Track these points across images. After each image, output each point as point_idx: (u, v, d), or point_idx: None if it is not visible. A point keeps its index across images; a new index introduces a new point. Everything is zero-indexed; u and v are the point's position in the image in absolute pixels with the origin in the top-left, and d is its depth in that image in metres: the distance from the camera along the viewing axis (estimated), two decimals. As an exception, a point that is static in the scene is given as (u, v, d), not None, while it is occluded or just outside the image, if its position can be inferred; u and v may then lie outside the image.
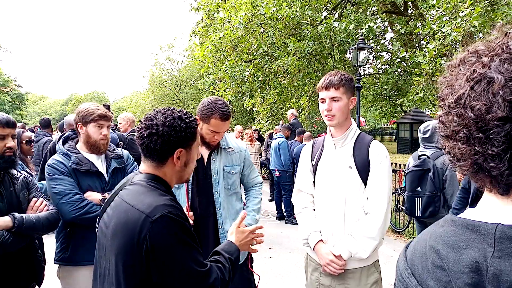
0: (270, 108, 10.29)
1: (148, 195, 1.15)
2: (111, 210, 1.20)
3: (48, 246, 2.34)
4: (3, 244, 1.61)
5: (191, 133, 1.25)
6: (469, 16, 5.25)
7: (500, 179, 0.56)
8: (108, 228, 1.16)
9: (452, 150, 0.61)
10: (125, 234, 1.09)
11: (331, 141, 1.92)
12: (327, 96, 1.82)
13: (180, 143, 1.22)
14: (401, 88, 12.08)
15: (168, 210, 1.09)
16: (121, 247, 1.09)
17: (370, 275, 1.83)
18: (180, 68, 27.39)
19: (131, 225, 1.08)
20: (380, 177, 1.79)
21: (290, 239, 5.46)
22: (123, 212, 1.13)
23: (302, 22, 8.61)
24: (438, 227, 0.62)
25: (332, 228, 1.85)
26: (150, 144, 1.19)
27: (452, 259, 0.56)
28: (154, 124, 1.19)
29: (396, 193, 6.04)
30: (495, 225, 0.54)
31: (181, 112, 1.26)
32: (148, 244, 1.05)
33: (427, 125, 3.36)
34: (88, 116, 2.10)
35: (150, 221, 1.06)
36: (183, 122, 1.22)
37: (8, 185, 1.80)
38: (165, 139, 1.18)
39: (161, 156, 1.22)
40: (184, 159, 1.26)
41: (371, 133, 36.26)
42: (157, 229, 1.06)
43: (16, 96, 36.04)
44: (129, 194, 1.18)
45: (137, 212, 1.09)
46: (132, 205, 1.12)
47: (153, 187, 1.19)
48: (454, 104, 0.59)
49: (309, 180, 2.00)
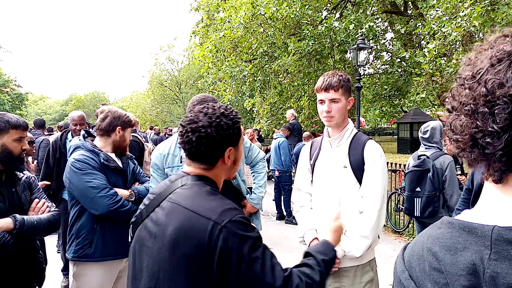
0: (270, 108, 10.28)
1: (209, 199, 1.08)
2: (164, 217, 1.08)
3: (48, 247, 2.34)
4: (3, 246, 1.61)
5: (238, 128, 1.19)
6: (469, 16, 5.25)
7: (493, 159, 0.56)
8: (163, 237, 1.05)
9: (453, 121, 0.61)
10: (191, 242, 1.00)
11: (328, 141, 1.96)
12: (326, 98, 1.84)
13: (229, 142, 1.16)
14: (401, 88, 12.08)
15: (236, 213, 1.03)
16: (186, 257, 1.00)
17: (364, 273, 1.85)
18: (180, 68, 27.42)
19: (197, 233, 0.99)
20: (375, 176, 1.81)
21: (290, 239, 5.46)
22: (184, 219, 1.03)
23: (302, 22, 8.61)
24: (436, 229, 0.62)
25: (327, 226, 1.87)
26: (200, 147, 1.12)
27: (449, 262, 0.56)
28: (200, 127, 1.11)
29: (396, 193, 6.04)
30: (492, 227, 0.54)
31: (222, 108, 1.18)
32: (220, 251, 0.97)
33: (427, 125, 3.37)
34: (128, 122, 2.33)
35: (219, 227, 0.99)
36: (228, 119, 1.15)
37: (10, 186, 1.81)
38: (215, 140, 1.12)
39: (212, 159, 1.16)
40: (233, 157, 1.21)
41: (371, 133, 36.24)
42: (229, 235, 0.98)
43: (16, 96, 36.04)
44: (187, 199, 1.09)
45: (203, 219, 1.01)
46: (195, 211, 1.03)
47: (209, 190, 1.12)
48: (470, 77, 0.59)
49: (307, 179, 2.04)
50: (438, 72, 6.32)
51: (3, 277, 1.73)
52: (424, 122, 3.54)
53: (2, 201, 1.73)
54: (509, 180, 0.58)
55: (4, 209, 1.72)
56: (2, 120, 1.73)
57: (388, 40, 12.34)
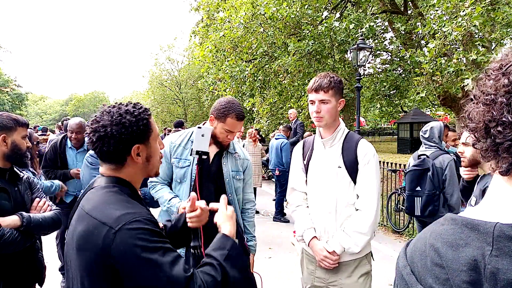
0: (270, 108, 10.30)
1: (111, 203, 1.04)
2: (74, 221, 1.08)
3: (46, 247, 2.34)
4: (12, 243, 1.66)
5: (144, 125, 1.14)
6: (470, 15, 5.25)
7: (502, 149, 0.56)
8: (72, 241, 1.05)
9: (472, 110, 0.62)
10: (88, 248, 0.99)
11: (321, 142, 1.99)
12: (316, 99, 1.88)
13: (135, 139, 1.12)
14: (399, 87, 12.07)
15: (133, 217, 0.99)
16: (85, 262, 1.00)
17: (361, 266, 1.94)
18: (180, 68, 27.41)
19: (93, 239, 0.98)
20: (370, 175, 1.87)
21: (290, 239, 5.45)
22: (84, 224, 1.02)
23: (302, 21, 8.62)
24: (439, 226, 0.63)
25: (325, 224, 1.94)
26: (103, 147, 1.09)
27: (451, 257, 0.56)
28: (101, 126, 1.09)
29: (396, 193, 6.04)
30: (494, 224, 0.54)
31: (129, 106, 1.15)
32: (114, 255, 0.95)
33: (428, 125, 3.43)
34: None
35: (113, 232, 0.96)
36: (132, 116, 1.11)
37: (13, 185, 1.86)
38: (116, 139, 1.08)
39: (118, 158, 1.13)
40: (144, 154, 1.16)
41: (371, 133, 36.27)
42: (122, 240, 0.96)
43: (16, 96, 36.08)
44: (90, 203, 1.07)
45: (99, 224, 0.99)
46: (94, 216, 1.01)
47: (115, 192, 1.09)
48: (497, 68, 0.60)
49: (301, 179, 2.07)
50: (439, 72, 6.32)
51: (6, 277, 1.75)
52: (424, 122, 3.57)
53: (7, 199, 1.77)
54: None
55: (10, 208, 1.76)
56: (10, 119, 1.85)
57: (388, 39, 12.34)
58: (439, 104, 12.98)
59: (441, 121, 3.58)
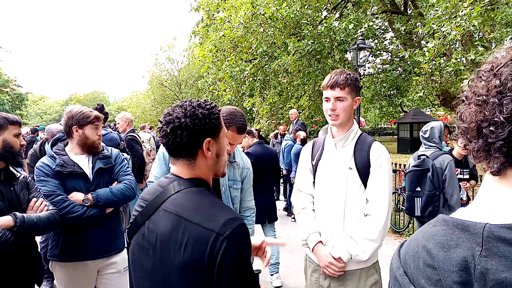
0: (270, 108, 10.28)
1: (209, 207, 1.06)
2: (164, 227, 1.05)
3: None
4: (4, 243, 1.63)
5: (216, 119, 1.16)
6: (469, 15, 5.25)
7: (494, 149, 0.57)
8: (167, 247, 1.03)
9: (464, 111, 0.63)
10: (195, 254, 0.98)
11: (332, 141, 1.90)
12: (332, 96, 1.80)
13: (206, 132, 1.13)
14: (400, 87, 12.07)
15: (237, 223, 1.01)
16: (189, 268, 0.98)
17: (369, 276, 1.82)
18: (180, 68, 27.39)
19: (199, 245, 0.98)
20: (382, 179, 1.76)
21: (290, 239, 5.46)
22: (184, 230, 1.01)
23: (302, 21, 8.61)
24: (431, 227, 0.63)
25: (332, 229, 1.84)
26: (176, 139, 1.09)
27: (442, 258, 0.57)
28: (175, 118, 1.10)
29: (396, 193, 6.05)
30: (483, 224, 0.55)
31: (200, 101, 1.18)
32: (220, 263, 0.96)
33: (428, 125, 3.43)
34: (84, 119, 2.19)
35: (221, 239, 0.96)
36: (204, 110, 1.13)
37: (8, 185, 1.83)
38: (190, 130, 1.09)
39: (190, 150, 1.12)
40: (214, 149, 1.16)
41: (371, 133, 36.24)
42: (230, 246, 0.97)
43: (16, 96, 36.08)
44: (186, 208, 1.06)
45: (205, 230, 0.98)
46: (197, 222, 1.01)
47: (206, 194, 1.11)
48: (488, 69, 0.60)
49: (309, 180, 1.98)
50: (438, 72, 6.32)
51: (4, 277, 1.74)
52: (424, 122, 3.59)
53: (1, 199, 1.75)
54: (507, 173, 0.59)
55: (4, 208, 1.74)
56: (0, 117, 1.83)
57: (388, 39, 12.34)
58: (439, 104, 12.97)
59: (441, 121, 3.58)
